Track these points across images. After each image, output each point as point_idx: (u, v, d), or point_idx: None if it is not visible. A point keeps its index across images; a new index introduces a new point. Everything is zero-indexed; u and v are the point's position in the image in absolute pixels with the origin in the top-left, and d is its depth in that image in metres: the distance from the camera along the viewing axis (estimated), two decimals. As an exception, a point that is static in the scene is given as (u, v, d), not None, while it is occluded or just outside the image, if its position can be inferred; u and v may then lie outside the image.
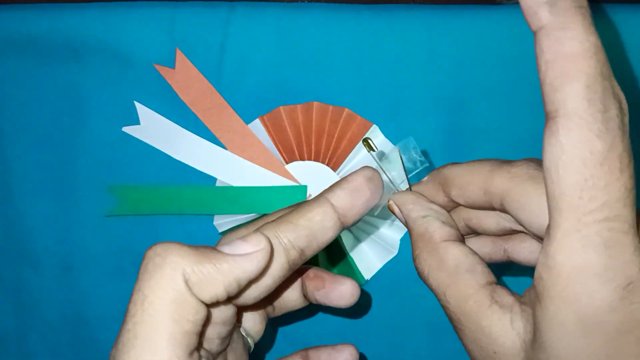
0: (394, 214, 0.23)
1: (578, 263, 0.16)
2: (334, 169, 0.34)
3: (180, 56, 0.33)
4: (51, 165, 0.35)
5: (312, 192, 0.34)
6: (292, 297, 0.24)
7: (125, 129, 0.34)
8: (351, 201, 0.21)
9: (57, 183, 0.35)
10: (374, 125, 0.33)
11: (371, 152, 0.24)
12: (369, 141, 0.25)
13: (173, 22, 0.32)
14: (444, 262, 0.20)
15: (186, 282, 0.18)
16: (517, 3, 0.18)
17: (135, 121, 0.34)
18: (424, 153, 0.30)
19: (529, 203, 0.19)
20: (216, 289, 0.18)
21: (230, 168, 0.34)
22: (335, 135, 0.33)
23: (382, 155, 0.25)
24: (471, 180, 0.21)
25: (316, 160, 0.34)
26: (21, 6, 0.33)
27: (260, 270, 0.19)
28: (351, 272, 0.35)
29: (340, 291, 0.25)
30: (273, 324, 0.36)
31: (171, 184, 0.35)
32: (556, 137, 0.16)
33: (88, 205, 0.35)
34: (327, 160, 0.34)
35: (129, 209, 0.35)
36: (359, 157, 0.34)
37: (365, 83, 0.33)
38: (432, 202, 0.23)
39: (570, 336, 0.17)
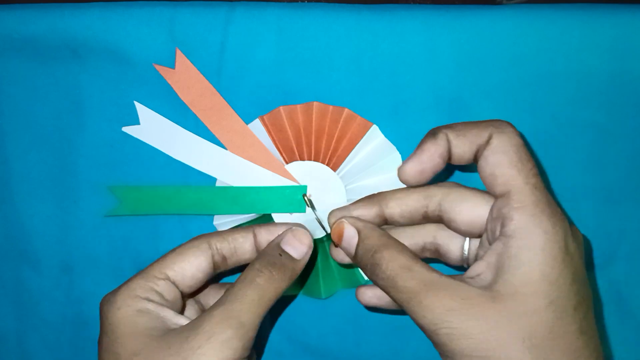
0: (335, 232, 0.28)
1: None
2: (334, 169, 0.34)
3: (180, 56, 0.33)
4: (51, 165, 0.35)
5: (312, 192, 0.34)
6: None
7: (125, 129, 0.34)
8: (267, 239, 0.29)
9: (57, 183, 0.35)
10: (374, 125, 0.33)
11: (309, 208, 0.32)
12: (307, 199, 0.32)
13: (173, 22, 0.32)
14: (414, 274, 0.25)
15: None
16: (518, 3, 0.18)
17: (135, 121, 0.34)
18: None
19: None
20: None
21: (230, 168, 0.34)
22: (335, 136, 0.34)
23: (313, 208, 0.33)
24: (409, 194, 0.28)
25: (316, 160, 0.34)
26: (21, 6, 0.33)
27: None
28: (351, 273, 0.35)
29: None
30: (272, 323, 0.36)
31: (171, 184, 0.35)
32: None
33: (88, 206, 0.35)
34: (327, 160, 0.34)
35: (129, 209, 0.35)
36: (359, 157, 0.34)
37: (365, 83, 0.33)
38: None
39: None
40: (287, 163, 0.34)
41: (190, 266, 0.27)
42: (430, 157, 0.26)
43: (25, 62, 0.34)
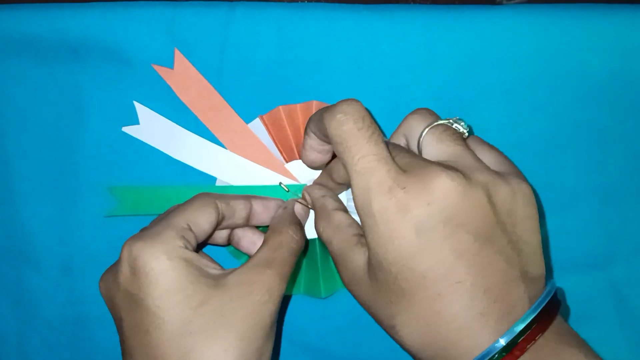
0: (304, 200, 0.33)
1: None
2: (334, 169, 0.34)
3: (178, 56, 0.33)
4: (51, 166, 0.35)
5: (312, 192, 0.34)
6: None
7: (125, 129, 0.34)
8: (261, 210, 0.31)
9: (57, 183, 0.35)
10: (374, 125, 0.33)
11: (288, 192, 0.34)
12: (282, 185, 0.34)
13: (173, 22, 0.33)
14: (332, 222, 0.29)
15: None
16: (518, 3, 0.18)
17: (135, 121, 0.34)
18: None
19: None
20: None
21: (230, 168, 0.34)
22: (335, 135, 0.33)
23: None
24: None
25: (316, 160, 0.34)
26: (21, 6, 0.33)
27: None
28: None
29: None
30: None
31: (171, 184, 0.35)
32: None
33: (88, 206, 0.35)
34: (327, 160, 0.34)
35: (129, 210, 0.35)
36: (359, 157, 0.34)
37: (365, 83, 0.33)
38: (326, 188, 0.32)
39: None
40: (287, 162, 0.34)
41: (204, 220, 0.28)
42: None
43: (25, 62, 0.34)
